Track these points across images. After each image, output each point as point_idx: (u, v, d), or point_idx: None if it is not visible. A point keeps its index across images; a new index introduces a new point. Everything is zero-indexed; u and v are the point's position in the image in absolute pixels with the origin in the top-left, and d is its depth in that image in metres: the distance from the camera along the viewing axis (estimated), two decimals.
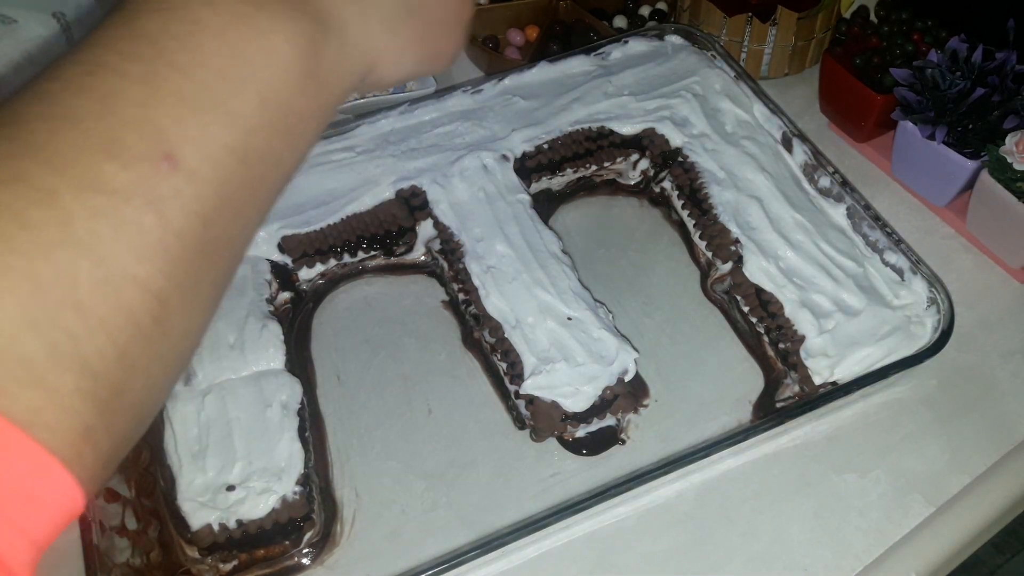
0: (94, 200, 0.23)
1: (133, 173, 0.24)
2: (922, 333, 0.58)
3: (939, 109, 0.65)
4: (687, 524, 0.55)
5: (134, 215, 0.24)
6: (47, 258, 0.22)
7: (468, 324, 0.63)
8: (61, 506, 0.23)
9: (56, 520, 0.23)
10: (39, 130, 0.24)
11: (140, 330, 0.24)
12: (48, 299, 0.22)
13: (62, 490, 0.23)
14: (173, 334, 0.26)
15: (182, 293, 0.26)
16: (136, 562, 0.51)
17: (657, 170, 0.71)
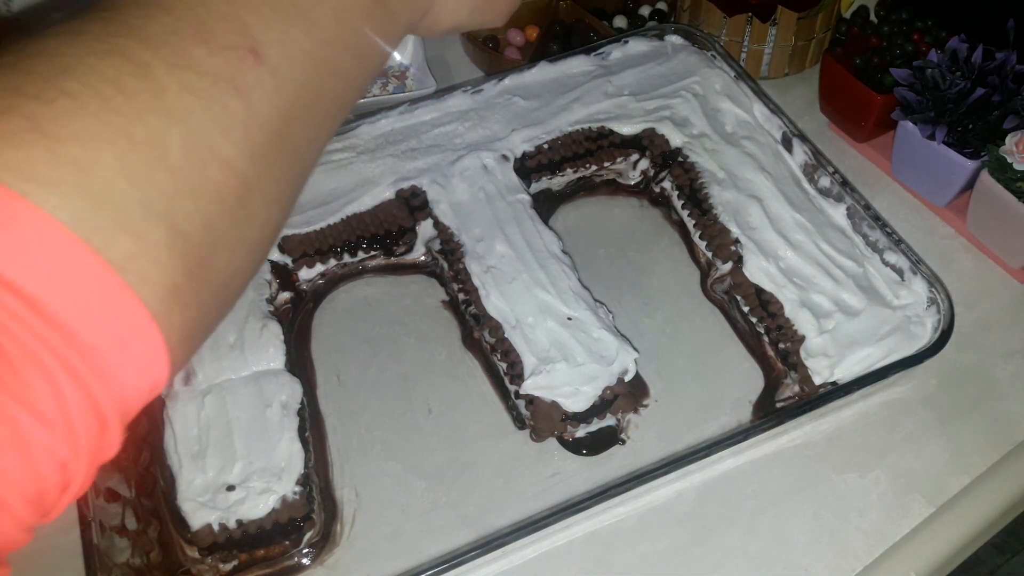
0: (185, 77, 0.25)
1: (220, 59, 0.26)
2: (922, 333, 0.58)
3: (939, 109, 0.65)
4: (687, 524, 0.55)
5: (221, 96, 0.25)
6: (141, 119, 0.24)
7: (468, 324, 0.63)
8: (148, 363, 0.24)
9: (142, 378, 0.24)
10: (134, 14, 0.25)
11: (225, 207, 0.26)
12: (142, 156, 0.23)
13: (151, 344, 0.24)
14: (254, 221, 0.27)
15: (262, 181, 0.27)
16: (136, 562, 0.51)
17: (657, 170, 0.71)
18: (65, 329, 0.22)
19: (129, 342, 0.23)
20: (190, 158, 0.24)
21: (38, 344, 0.21)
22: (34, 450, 0.22)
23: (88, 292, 0.22)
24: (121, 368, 0.23)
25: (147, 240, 0.23)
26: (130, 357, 0.23)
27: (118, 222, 0.23)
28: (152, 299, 0.23)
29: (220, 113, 0.25)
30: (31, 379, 0.21)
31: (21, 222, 0.21)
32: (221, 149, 0.25)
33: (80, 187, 0.22)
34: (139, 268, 0.23)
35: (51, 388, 0.22)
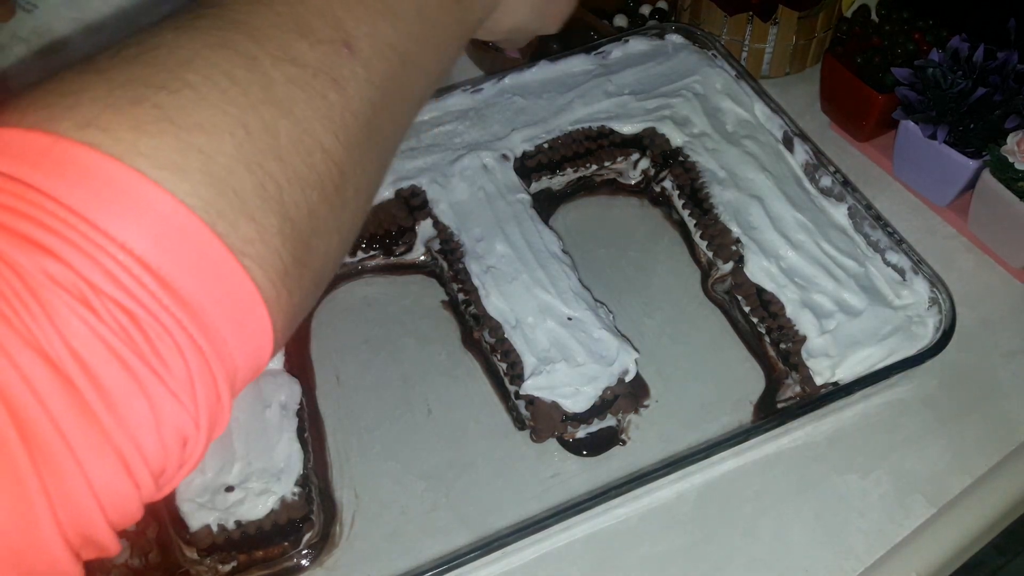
0: (289, 69, 0.26)
1: (319, 52, 0.27)
2: (923, 333, 0.58)
3: (940, 108, 0.65)
4: (688, 525, 0.54)
5: (321, 88, 0.27)
6: (255, 111, 0.25)
7: (468, 324, 0.63)
8: (257, 345, 0.25)
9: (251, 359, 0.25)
10: (239, 10, 0.27)
11: (325, 194, 0.27)
12: (257, 145, 0.25)
13: (261, 327, 0.25)
14: (347, 208, 0.29)
15: (355, 170, 0.28)
16: (135, 563, 0.51)
17: (657, 170, 0.71)
18: (193, 309, 0.23)
19: (244, 324, 0.24)
20: (297, 147, 0.26)
21: (172, 322, 0.22)
22: (166, 426, 0.23)
23: (212, 275, 0.23)
24: (236, 349, 0.24)
25: (263, 226, 0.24)
26: (244, 339, 0.24)
27: (239, 208, 0.24)
28: (265, 283, 0.25)
29: (321, 104, 0.27)
30: (167, 355, 0.22)
31: (157, 207, 0.22)
32: (323, 139, 0.27)
33: (206, 174, 0.23)
34: (256, 253, 0.24)
35: (183, 364, 0.23)
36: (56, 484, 0.21)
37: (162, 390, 0.22)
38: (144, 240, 0.22)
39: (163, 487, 0.25)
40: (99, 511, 0.22)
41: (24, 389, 0.20)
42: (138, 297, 0.22)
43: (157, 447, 0.23)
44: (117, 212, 0.22)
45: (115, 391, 0.22)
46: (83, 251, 0.21)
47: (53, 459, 0.21)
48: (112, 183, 0.22)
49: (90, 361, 0.21)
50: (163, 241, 0.22)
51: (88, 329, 0.21)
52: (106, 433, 0.22)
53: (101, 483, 0.22)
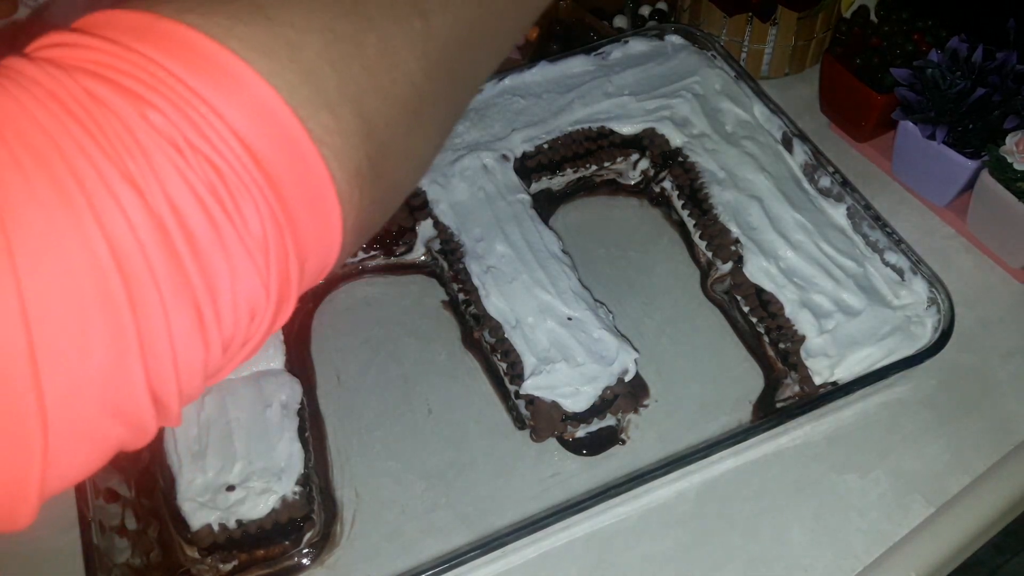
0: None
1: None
2: (922, 333, 0.58)
3: (939, 109, 0.65)
4: (687, 524, 0.55)
5: (407, 14, 0.28)
6: (345, 18, 0.26)
7: (468, 324, 0.63)
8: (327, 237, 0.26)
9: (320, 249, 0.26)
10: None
11: (403, 113, 0.28)
12: (343, 49, 0.26)
13: (332, 218, 0.26)
14: (420, 135, 0.30)
15: (432, 100, 0.29)
16: (136, 562, 0.51)
17: (657, 170, 0.71)
18: (273, 180, 0.24)
19: (318, 209, 0.25)
20: (380, 61, 0.27)
21: (254, 186, 0.23)
22: (240, 286, 0.24)
23: (292, 154, 0.24)
24: (308, 232, 0.25)
25: (342, 120, 0.25)
26: (316, 223, 0.25)
27: (321, 99, 0.25)
28: (340, 175, 0.25)
29: (407, 28, 0.28)
30: (248, 215, 0.23)
31: (245, 83, 0.23)
32: (405, 60, 0.28)
33: (294, 63, 0.24)
34: (333, 143, 0.25)
35: (261, 227, 0.24)
36: (146, 328, 0.22)
37: (240, 248, 0.23)
38: (233, 110, 0.23)
39: (227, 363, 0.25)
40: (172, 366, 0.23)
41: (122, 223, 0.21)
42: (225, 156, 0.23)
43: (230, 307, 0.24)
44: (210, 82, 0.23)
45: (200, 239, 0.22)
46: (178, 107, 0.22)
47: (145, 301, 0.22)
48: (207, 57, 0.23)
49: (180, 204, 0.22)
50: (250, 114, 0.23)
51: (179, 175, 0.22)
52: (188, 280, 0.22)
53: (178, 334, 0.23)
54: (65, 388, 0.21)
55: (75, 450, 0.23)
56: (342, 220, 0.26)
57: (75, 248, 0.21)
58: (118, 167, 0.21)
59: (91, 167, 0.21)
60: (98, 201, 0.21)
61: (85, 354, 0.21)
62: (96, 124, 0.22)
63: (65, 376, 0.21)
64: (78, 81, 0.22)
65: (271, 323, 0.25)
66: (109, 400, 0.22)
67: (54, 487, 0.23)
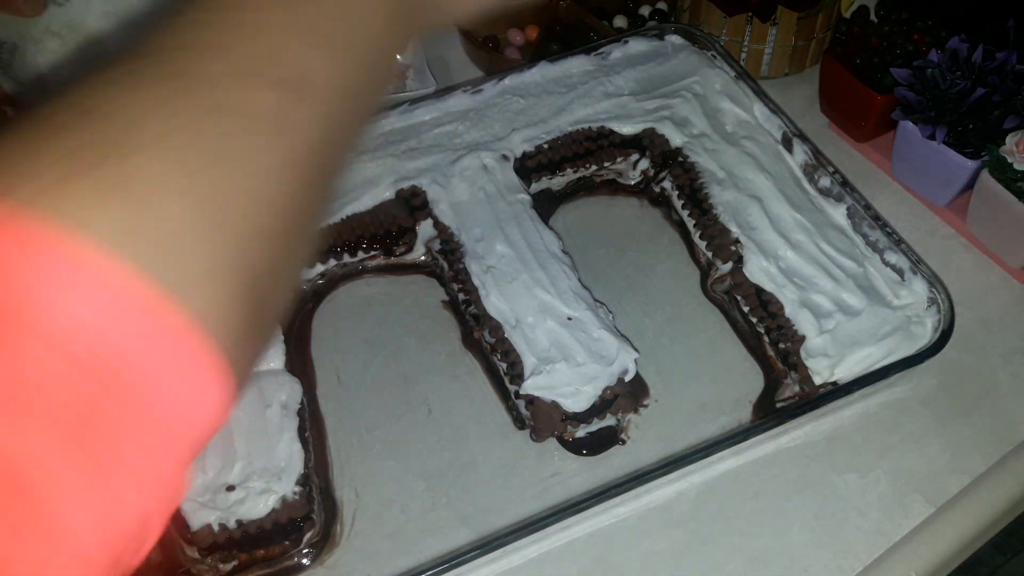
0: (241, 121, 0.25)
1: (273, 97, 0.26)
2: (922, 333, 0.58)
3: (939, 109, 0.65)
4: (687, 524, 0.55)
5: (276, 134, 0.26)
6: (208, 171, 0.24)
7: (468, 324, 0.63)
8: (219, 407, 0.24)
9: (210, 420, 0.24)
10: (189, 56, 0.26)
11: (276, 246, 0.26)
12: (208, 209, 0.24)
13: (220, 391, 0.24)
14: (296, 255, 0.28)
15: (303, 216, 0.28)
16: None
17: (657, 170, 0.71)
18: (146, 381, 0.22)
19: (204, 390, 0.23)
20: (252, 203, 0.25)
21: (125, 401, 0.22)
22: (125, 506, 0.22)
23: (168, 346, 0.22)
24: (197, 414, 0.23)
25: (219, 292, 0.24)
26: (203, 403, 0.24)
27: (193, 277, 0.23)
28: (227, 341, 0.24)
29: (277, 152, 0.26)
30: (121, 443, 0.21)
31: (107, 278, 0.21)
32: (277, 189, 0.26)
33: (158, 244, 0.23)
34: (214, 319, 0.23)
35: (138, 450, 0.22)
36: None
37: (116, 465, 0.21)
38: (94, 313, 0.21)
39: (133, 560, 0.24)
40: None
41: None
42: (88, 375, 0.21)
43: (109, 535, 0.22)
44: (65, 285, 0.21)
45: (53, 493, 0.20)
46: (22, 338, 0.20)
47: None
48: (61, 256, 0.21)
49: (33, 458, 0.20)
50: (115, 314, 0.21)
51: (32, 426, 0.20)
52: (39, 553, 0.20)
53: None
54: None
55: None
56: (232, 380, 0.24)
57: None
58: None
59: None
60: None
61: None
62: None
63: None
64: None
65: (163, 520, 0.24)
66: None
67: None
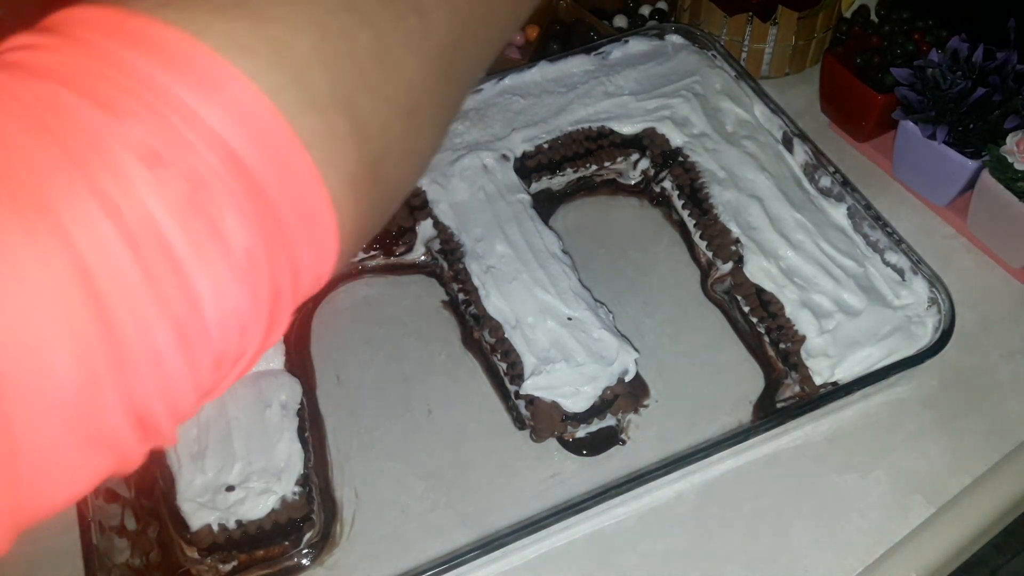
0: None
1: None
2: (923, 333, 0.58)
3: (940, 109, 0.65)
4: (687, 525, 0.55)
5: (403, 10, 0.27)
6: (336, 15, 0.25)
7: (468, 324, 0.63)
8: (322, 247, 0.25)
9: (314, 261, 0.25)
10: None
11: (399, 113, 0.27)
12: (333, 47, 0.25)
13: (327, 227, 0.24)
14: (419, 135, 0.29)
15: (430, 98, 0.28)
16: (136, 563, 0.51)
17: (657, 170, 0.71)
18: (259, 188, 0.22)
19: (308, 217, 0.24)
20: (373, 60, 0.26)
21: (237, 196, 0.22)
22: (225, 302, 0.22)
23: (280, 160, 0.23)
24: (300, 242, 0.24)
25: (333, 124, 0.24)
26: (308, 233, 0.24)
27: (309, 101, 0.24)
28: (333, 181, 0.24)
29: (401, 25, 0.27)
30: (231, 229, 0.22)
31: (227, 84, 0.22)
32: (400, 58, 0.26)
33: (280, 63, 0.23)
34: (324, 148, 0.24)
35: (246, 241, 0.22)
36: (121, 351, 0.21)
37: (223, 262, 0.22)
38: (214, 113, 0.22)
39: (221, 380, 0.24)
40: (156, 387, 0.22)
41: (91, 244, 0.20)
42: (206, 164, 0.21)
43: (216, 323, 0.22)
44: (188, 83, 0.22)
45: (178, 254, 0.21)
46: (153, 112, 0.21)
47: (117, 322, 0.21)
48: (185, 56, 0.22)
49: (155, 219, 0.21)
50: (232, 118, 0.22)
51: (154, 188, 0.21)
52: (166, 299, 0.21)
53: (161, 354, 0.22)
54: (31, 417, 0.20)
55: (48, 481, 0.21)
56: (337, 227, 0.25)
57: (35, 270, 0.19)
58: (87, 182, 0.20)
59: (57, 183, 0.20)
60: (64, 219, 0.20)
61: (53, 377, 0.20)
62: (64, 136, 0.20)
63: (30, 404, 0.20)
64: (46, 88, 0.21)
65: (264, 337, 0.24)
66: (81, 427, 0.21)
67: (30, 518, 0.22)
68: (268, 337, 0.25)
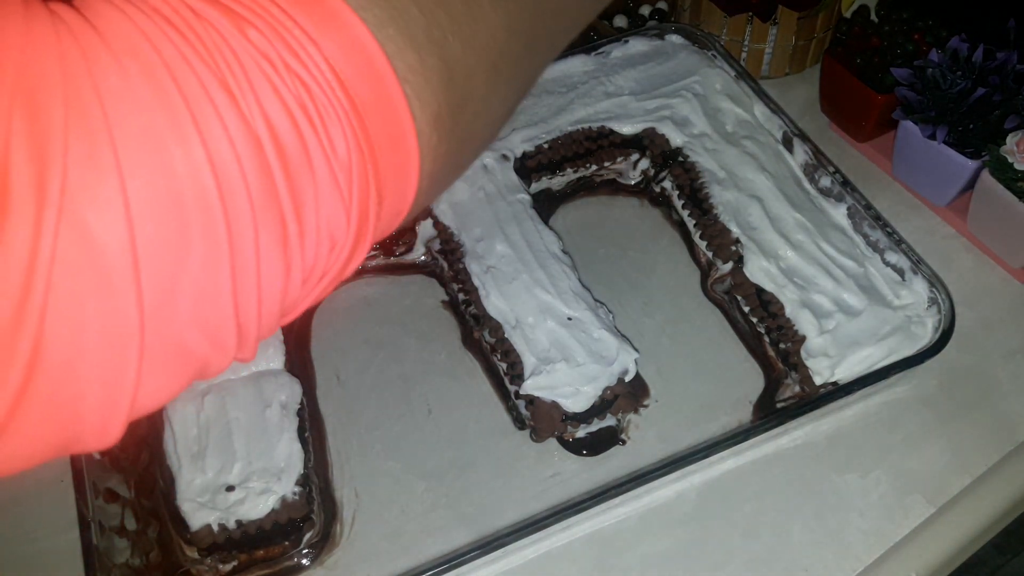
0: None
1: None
2: (923, 333, 0.58)
3: (940, 109, 0.65)
4: (687, 525, 0.55)
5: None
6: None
7: (468, 324, 0.63)
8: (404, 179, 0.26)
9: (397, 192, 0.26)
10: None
11: (483, 65, 0.28)
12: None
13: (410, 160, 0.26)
14: (497, 93, 0.30)
15: (511, 58, 0.30)
16: (136, 562, 0.51)
17: (657, 170, 0.71)
18: (359, 108, 0.24)
19: (397, 146, 0.25)
20: (465, 11, 0.27)
21: (342, 112, 0.24)
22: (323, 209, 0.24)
23: (377, 88, 0.24)
24: (387, 167, 0.25)
25: (426, 62, 0.26)
26: (394, 161, 0.25)
27: (407, 39, 0.25)
28: (420, 116, 0.25)
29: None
30: (336, 138, 0.23)
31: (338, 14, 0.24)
32: (488, 14, 0.28)
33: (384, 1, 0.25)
34: (416, 84, 0.25)
35: (347, 152, 0.24)
36: (236, 240, 0.22)
37: (326, 168, 0.23)
38: (325, 38, 0.23)
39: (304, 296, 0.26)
40: (256, 284, 0.23)
41: (220, 134, 0.22)
42: (316, 79, 0.23)
43: (313, 228, 0.24)
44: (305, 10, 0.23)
45: (289, 154, 0.23)
46: (275, 29, 0.23)
47: (237, 211, 0.22)
48: None
49: (272, 117, 0.22)
50: (340, 44, 0.24)
51: (273, 90, 0.22)
52: (276, 195, 0.23)
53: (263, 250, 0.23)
54: (161, 292, 0.21)
55: (164, 362, 0.23)
56: (419, 162, 0.26)
57: (176, 152, 0.21)
58: (217, 77, 0.22)
59: (192, 75, 0.22)
60: (198, 108, 0.21)
61: (182, 259, 0.21)
62: (198, 37, 0.22)
63: (162, 279, 0.21)
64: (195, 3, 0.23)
65: (349, 256, 0.26)
66: (200, 310, 0.22)
67: (140, 405, 0.23)
68: (351, 260, 0.26)
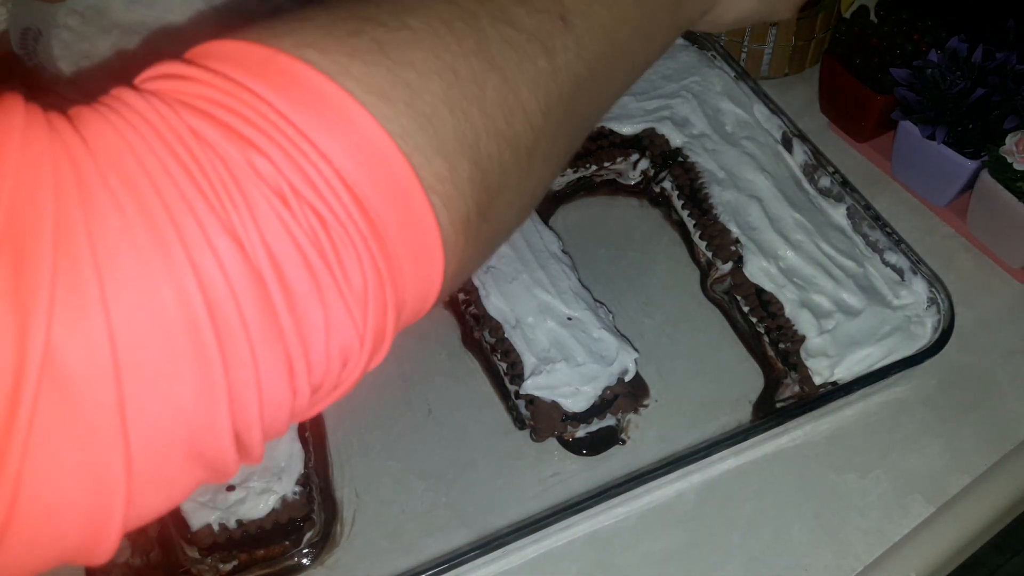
0: (505, 31, 0.27)
1: (535, 20, 0.28)
2: (922, 333, 0.58)
3: (939, 109, 0.65)
4: (687, 524, 0.55)
5: (532, 53, 0.28)
6: (466, 60, 0.26)
7: (468, 324, 0.63)
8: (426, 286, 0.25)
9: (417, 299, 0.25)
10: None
11: (518, 156, 0.27)
12: (463, 92, 0.25)
13: (434, 268, 0.25)
14: (533, 175, 0.29)
15: (549, 140, 0.29)
16: (136, 562, 0.51)
17: (657, 170, 0.71)
18: (378, 230, 0.23)
19: (419, 257, 0.24)
20: (500, 103, 0.26)
21: (358, 236, 0.23)
22: (334, 337, 0.23)
23: (400, 201, 0.23)
24: (409, 281, 0.24)
25: (455, 168, 0.25)
26: (418, 273, 0.25)
27: (436, 146, 0.24)
28: (447, 223, 0.25)
29: (530, 68, 0.27)
30: (349, 267, 0.23)
31: (358, 126, 0.23)
32: (526, 100, 0.27)
33: (410, 107, 0.24)
34: (444, 192, 0.24)
35: (362, 280, 0.23)
36: (234, 378, 0.22)
37: (338, 301, 0.23)
38: (343, 155, 0.22)
39: (314, 405, 0.25)
40: (258, 412, 0.23)
41: (218, 275, 0.21)
42: (331, 205, 0.22)
43: (322, 356, 0.23)
44: (321, 124, 0.22)
45: (297, 291, 0.22)
46: (286, 152, 0.22)
47: (235, 350, 0.21)
48: (321, 98, 0.23)
49: (279, 256, 0.22)
50: (360, 159, 0.23)
51: (282, 226, 0.22)
52: (281, 331, 0.22)
53: (267, 383, 0.22)
54: (150, 434, 0.21)
55: (155, 493, 0.22)
56: (443, 267, 0.25)
57: (168, 295, 0.20)
58: (219, 218, 0.21)
59: (191, 216, 0.21)
60: (195, 252, 0.21)
61: (172, 401, 0.21)
62: (200, 169, 0.21)
63: (151, 422, 0.21)
64: (185, 120, 0.22)
65: (364, 368, 0.25)
66: (193, 446, 0.22)
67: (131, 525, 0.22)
68: (367, 369, 0.25)
